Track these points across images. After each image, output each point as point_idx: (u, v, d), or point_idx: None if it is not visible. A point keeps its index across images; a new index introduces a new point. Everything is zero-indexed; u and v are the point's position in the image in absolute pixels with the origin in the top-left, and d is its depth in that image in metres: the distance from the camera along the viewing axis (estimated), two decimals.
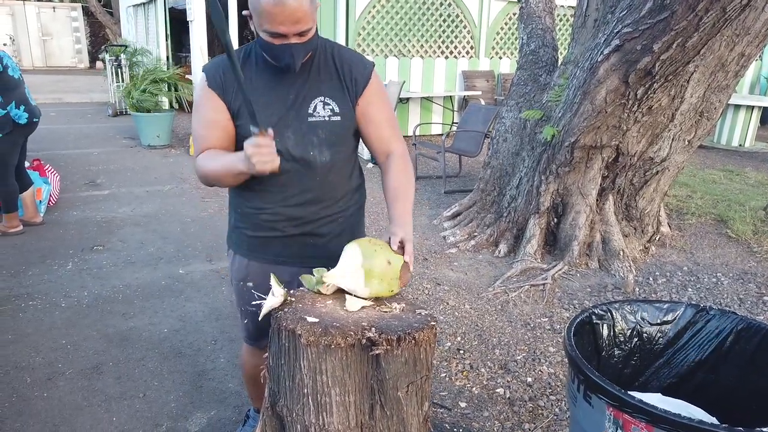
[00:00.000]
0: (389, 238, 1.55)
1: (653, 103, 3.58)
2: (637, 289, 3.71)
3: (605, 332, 1.60)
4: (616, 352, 1.63)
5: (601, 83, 3.46)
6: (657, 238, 4.35)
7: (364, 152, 6.21)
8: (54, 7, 19.41)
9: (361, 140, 1.75)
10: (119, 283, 3.64)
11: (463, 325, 3.22)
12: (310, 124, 1.61)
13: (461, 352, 2.95)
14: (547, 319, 3.31)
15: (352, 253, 1.50)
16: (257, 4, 1.43)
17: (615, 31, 3.29)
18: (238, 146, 1.66)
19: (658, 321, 1.63)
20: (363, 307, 1.46)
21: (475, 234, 4.46)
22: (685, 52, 3.11)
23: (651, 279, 3.87)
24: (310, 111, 1.61)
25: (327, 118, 1.61)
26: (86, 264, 3.92)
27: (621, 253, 3.93)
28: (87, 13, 18.93)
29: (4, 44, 18.98)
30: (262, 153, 1.43)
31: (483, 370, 2.80)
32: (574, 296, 3.59)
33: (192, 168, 6.74)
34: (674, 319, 1.63)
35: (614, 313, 1.60)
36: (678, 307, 1.64)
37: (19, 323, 3.10)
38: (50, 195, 5.00)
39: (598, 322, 1.59)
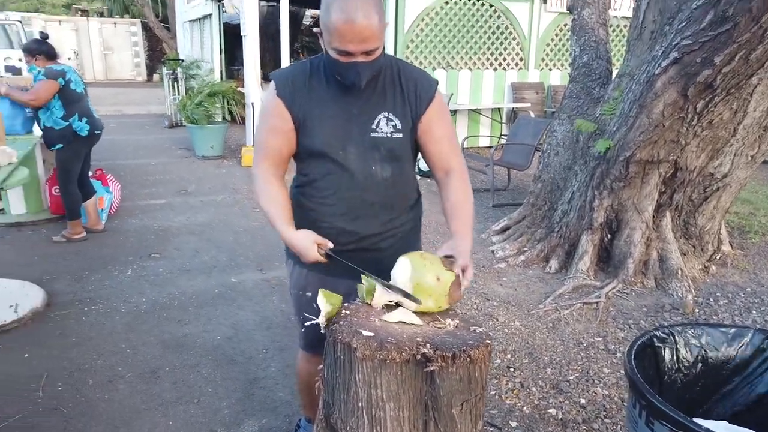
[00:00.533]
0: (444, 254, 1.55)
1: (714, 117, 3.47)
2: (696, 310, 3.58)
3: (667, 356, 1.55)
4: (679, 377, 1.58)
5: (659, 96, 3.37)
6: (718, 257, 4.18)
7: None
8: (115, 23, 20.33)
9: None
10: (175, 290, 3.76)
11: (513, 342, 3.17)
12: (372, 140, 1.63)
13: (511, 369, 2.91)
14: (600, 339, 3.23)
15: (402, 266, 1.52)
16: (328, 21, 1.47)
17: (673, 43, 3.21)
18: (300, 156, 1.71)
19: (724, 346, 1.56)
20: (401, 322, 1.46)
21: (525, 249, 4.39)
22: (748, 65, 3.01)
23: (711, 300, 3.72)
24: (374, 126, 1.63)
25: (389, 135, 1.63)
26: (144, 271, 4.06)
27: (679, 272, 3.80)
28: (145, 28, 19.75)
29: (69, 58, 19.98)
30: (306, 257, 1.59)
31: (534, 389, 2.75)
32: (629, 316, 3.49)
33: (244, 178, 6.91)
34: (741, 344, 1.56)
35: (677, 337, 1.55)
36: (745, 332, 1.57)
37: (83, 327, 3.23)
38: (111, 203, 5.22)
39: (660, 345, 1.54)
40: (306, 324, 1.87)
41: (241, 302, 3.63)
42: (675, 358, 1.56)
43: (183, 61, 11.37)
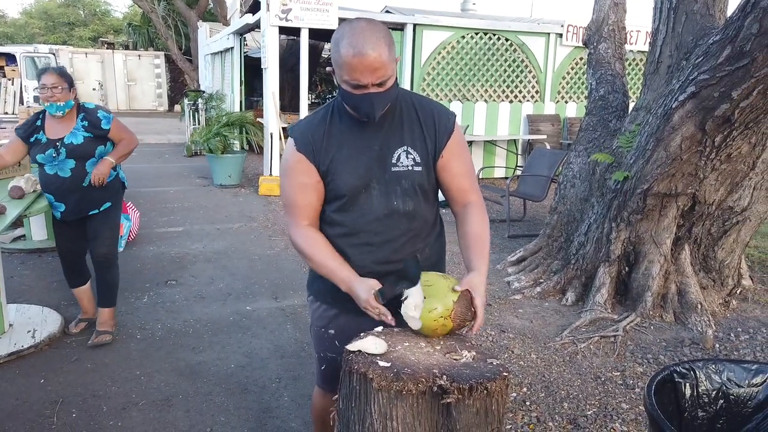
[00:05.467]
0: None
1: (732, 151, 3.45)
2: (717, 345, 3.50)
3: (688, 392, 1.51)
4: (700, 414, 1.54)
5: (676, 130, 3.37)
6: (738, 292, 4.10)
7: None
8: (139, 55, 20.90)
9: None
10: (190, 318, 3.77)
11: (529, 375, 3.12)
12: (393, 174, 1.63)
13: (527, 403, 2.86)
14: (618, 374, 3.16)
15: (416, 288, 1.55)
16: (338, 56, 1.50)
17: (691, 77, 3.22)
18: (326, 198, 1.70)
19: (746, 383, 1.53)
20: (359, 351, 1.47)
21: (541, 280, 4.36)
22: (766, 99, 3.00)
23: (732, 335, 3.64)
24: (394, 161, 1.63)
25: (410, 168, 1.64)
26: (160, 298, 4.09)
27: (699, 306, 3.73)
28: (169, 60, 20.28)
29: (93, 89, 20.52)
30: (372, 312, 1.56)
31: (551, 423, 2.70)
32: (647, 350, 3.42)
33: (260, 207, 6.98)
34: (764, 381, 1.52)
35: (698, 372, 1.52)
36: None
37: (98, 353, 3.25)
38: (130, 231, 5.29)
39: (680, 380, 1.51)
40: (330, 352, 1.87)
41: (256, 330, 3.62)
42: (695, 394, 1.53)
43: (204, 92, 11.62)
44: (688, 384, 1.52)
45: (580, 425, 2.69)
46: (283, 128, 8.12)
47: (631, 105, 4.71)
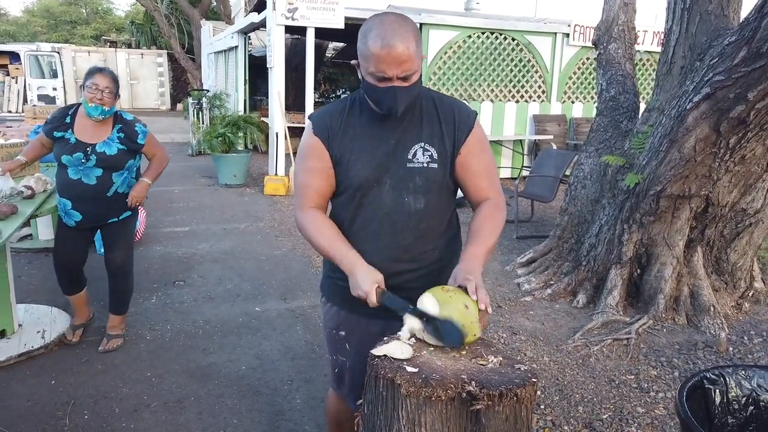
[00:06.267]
0: (456, 283, 1.52)
1: (747, 153, 3.43)
2: (730, 348, 3.47)
3: (718, 398, 1.49)
4: (730, 420, 1.52)
5: (690, 131, 3.35)
6: (750, 294, 4.07)
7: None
8: (142, 54, 20.89)
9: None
10: (200, 318, 3.75)
11: (543, 379, 3.09)
12: (408, 170, 1.61)
13: (542, 407, 2.83)
14: (633, 377, 3.14)
15: (427, 303, 1.48)
16: (365, 48, 1.49)
17: (705, 78, 3.20)
18: (337, 191, 1.69)
19: None
20: (384, 355, 1.41)
21: (552, 282, 4.33)
22: None
23: (746, 338, 3.61)
24: (410, 157, 1.61)
25: (425, 165, 1.61)
26: (169, 298, 4.07)
27: (712, 308, 3.71)
28: (171, 58, 20.26)
29: None
30: (364, 300, 1.52)
31: (566, 427, 2.67)
32: (661, 353, 3.40)
33: (266, 207, 6.96)
34: None
35: (728, 379, 1.50)
36: None
37: (109, 354, 3.23)
38: (137, 230, 5.27)
39: (710, 387, 1.49)
40: (342, 355, 1.84)
41: (266, 332, 3.60)
42: (725, 400, 1.51)
43: (208, 91, 11.60)
44: (718, 390, 1.49)
45: (596, 429, 2.67)
46: (289, 127, 8.10)
47: (641, 105, 4.68)
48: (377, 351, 1.43)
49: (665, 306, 3.77)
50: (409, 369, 1.36)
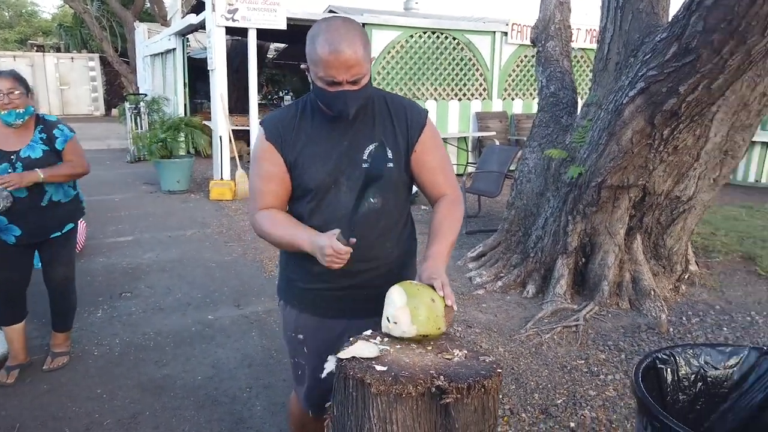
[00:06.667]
0: (422, 281, 1.55)
1: (679, 143, 3.62)
2: (671, 329, 3.66)
3: (669, 377, 1.58)
4: (681, 397, 1.61)
5: (627, 124, 3.50)
6: (686, 277, 4.31)
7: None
8: (72, 58, 19.99)
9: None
10: (150, 330, 3.64)
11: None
12: (363, 171, 1.63)
13: (500, 396, 2.90)
14: (583, 362, 3.26)
15: (396, 294, 1.51)
16: (314, 53, 1.49)
17: (640, 74, 3.35)
18: (294, 195, 1.69)
19: (722, 365, 1.61)
20: (353, 357, 1.41)
21: (502, 275, 4.44)
22: (710, 94, 3.16)
23: (684, 319, 3.82)
24: (364, 157, 1.63)
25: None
26: (116, 311, 3.92)
27: (652, 292, 3.90)
28: (104, 62, 19.48)
29: None
30: (338, 260, 1.50)
31: (524, 415, 2.75)
32: (608, 337, 3.55)
33: (212, 212, 6.81)
34: (738, 362, 1.61)
35: (678, 358, 1.59)
36: (741, 350, 1.62)
37: (54, 373, 3.08)
38: (77, 242, 5.04)
39: (662, 366, 1.57)
40: (302, 359, 1.84)
41: (220, 340, 3.53)
42: (676, 378, 1.60)
43: (145, 95, 11.23)
44: (669, 369, 1.58)
45: (551, 414, 2.76)
46: (233, 130, 7.95)
47: (579, 101, 4.87)
48: (344, 354, 1.44)
49: (609, 292, 3.94)
50: (378, 368, 1.37)
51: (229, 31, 8.35)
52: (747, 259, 4.90)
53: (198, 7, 8.65)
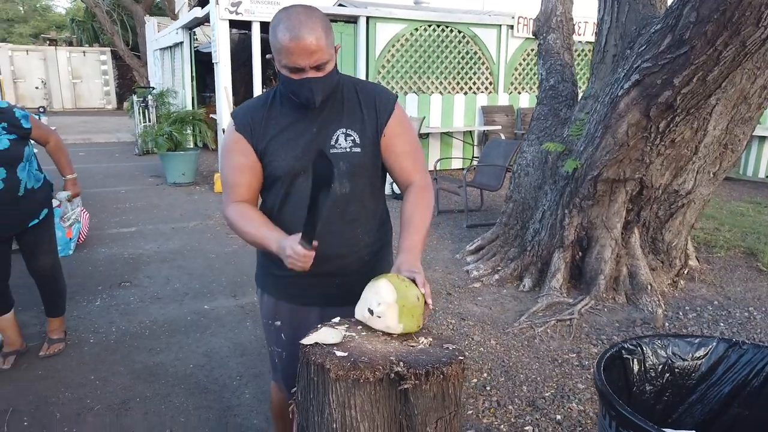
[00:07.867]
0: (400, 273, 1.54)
1: (676, 136, 3.58)
2: (667, 324, 3.64)
3: (636, 367, 1.57)
4: (648, 388, 1.60)
5: (623, 117, 3.47)
6: (685, 272, 4.27)
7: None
8: (84, 52, 20.19)
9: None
10: (146, 319, 3.68)
11: (489, 361, 3.18)
12: (331, 156, 1.63)
13: (488, 388, 2.91)
14: (575, 355, 3.25)
15: (384, 289, 1.50)
16: (276, 41, 1.50)
17: (635, 65, 3.32)
18: (265, 184, 1.70)
19: (690, 356, 1.60)
20: (316, 343, 1.43)
21: (499, 268, 4.43)
22: (706, 86, 3.13)
23: (681, 314, 3.79)
24: (332, 143, 1.64)
25: (348, 150, 1.64)
26: (114, 300, 3.98)
27: (649, 287, 3.87)
28: (115, 56, 19.65)
29: (36, 87, 19.72)
30: (300, 263, 1.50)
31: (511, 407, 2.76)
32: (602, 331, 3.53)
33: (216, 204, 6.86)
34: (706, 354, 1.60)
35: (645, 348, 1.58)
36: (710, 341, 1.61)
37: (49, 359, 3.14)
38: (80, 233, 5.12)
39: (629, 356, 1.57)
40: (279, 346, 1.86)
41: (215, 329, 3.57)
42: (643, 369, 1.59)
43: (153, 88, 11.31)
44: (636, 359, 1.58)
45: (538, 407, 2.76)
46: None
47: (580, 94, 4.83)
48: (307, 340, 1.45)
49: (606, 286, 3.92)
50: (339, 353, 1.38)
51: (237, 25, 8.38)
52: (749, 254, 4.85)
53: (204, 1, 8.69)
